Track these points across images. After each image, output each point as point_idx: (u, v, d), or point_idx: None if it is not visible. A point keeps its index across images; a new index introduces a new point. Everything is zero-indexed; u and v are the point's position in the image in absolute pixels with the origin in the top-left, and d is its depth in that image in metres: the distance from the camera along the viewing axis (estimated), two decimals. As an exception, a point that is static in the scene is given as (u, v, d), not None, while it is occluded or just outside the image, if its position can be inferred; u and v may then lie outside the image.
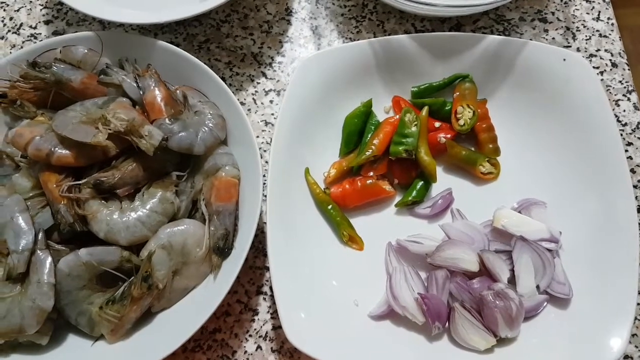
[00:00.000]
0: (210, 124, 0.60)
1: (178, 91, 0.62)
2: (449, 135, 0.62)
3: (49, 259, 0.52)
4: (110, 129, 0.54)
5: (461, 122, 0.62)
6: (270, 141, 0.68)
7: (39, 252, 0.53)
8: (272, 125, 0.70)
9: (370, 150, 0.60)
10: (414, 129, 0.60)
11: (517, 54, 0.63)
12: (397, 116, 0.63)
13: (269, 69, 0.73)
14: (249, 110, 0.71)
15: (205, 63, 0.72)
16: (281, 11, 0.76)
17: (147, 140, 0.54)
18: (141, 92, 0.59)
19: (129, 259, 0.53)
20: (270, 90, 0.72)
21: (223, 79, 0.72)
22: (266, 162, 0.67)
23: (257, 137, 0.69)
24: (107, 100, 0.59)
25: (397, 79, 0.66)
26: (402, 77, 0.66)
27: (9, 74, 0.59)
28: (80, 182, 0.54)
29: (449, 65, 0.65)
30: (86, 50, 0.63)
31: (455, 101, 0.63)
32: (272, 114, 0.70)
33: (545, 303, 0.54)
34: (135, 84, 0.60)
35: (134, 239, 0.54)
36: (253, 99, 0.71)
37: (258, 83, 0.72)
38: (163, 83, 0.60)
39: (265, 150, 0.68)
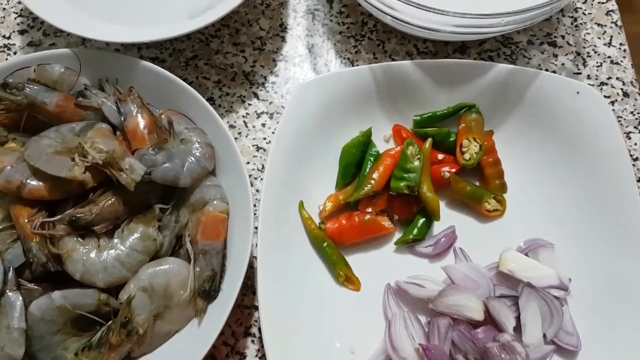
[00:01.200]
0: (198, 154, 0.57)
1: (163, 116, 0.59)
2: (453, 170, 0.60)
3: (20, 302, 0.49)
4: (87, 161, 0.51)
5: (467, 156, 0.59)
6: (262, 167, 0.66)
7: (8, 293, 0.50)
8: (264, 150, 0.67)
9: (370, 185, 0.58)
10: (416, 163, 0.58)
11: (528, 84, 0.61)
12: (398, 148, 0.60)
13: (261, 90, 0.70)
14: (239, 133, 0.68)
15: (192, 81, 0.70)
16: (275, 27, 0.73)
17: (128, 174, 0.51)
18: (122, 118, 0.56)
19: (106, 302, 0.50)
20: (262, 112, 0.69)
21: (212, 99, 0.69)
22: (257, 190, 0.65)
23: (248, 163, 0.66)
24: (85, 127, 0.56)
25: (399, 106, 0.64)
26: (404, 104, 0.64)
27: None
28: (54, 218, 0.51)
29: (454, 93, 0.63)
30: (63, 69, 0.60)
31: (461, 133, 0.61)
32: (264, 139, 0.68)
33: (552, 354, 0.52)
34: (116, 108, 0.56)
35: (113, 280, 0.51)
36: (244, 121, 0.69)
37: (249, 104, 0.70)
38: (147, 108, 0.57)
39: (255, 178, 0.66)
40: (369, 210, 0.58)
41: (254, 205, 0.54)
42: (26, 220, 0.51)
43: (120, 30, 0.61)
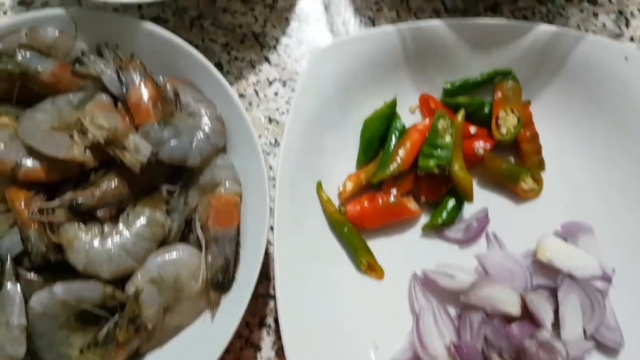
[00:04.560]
0: (207, 129, 0.53)
1: (168, 86, 0.55)
2: (487, 145, 0.56)
3: (19, 295, 0.47)
4: (87, 140, 0.47)
5: (503, 130, 0.55)
6: (275, 142, 0.62)
7: (7, 285, 0.47)
8: (277, 122, 0.63)
9: (395, 164, 0.54)
10: (448, 138, 0.54)
11: (570, 48, 0.56)
12: (427, 121, 0.56)
13: (273, 53, 0.66)
14: (249, 104, 0.64)
15: (198, 44, 0.65)
16: (288, -18, 0.68)
17: (133, 154, 0.47)
18: (124, 89, 0.52)
19: (112, 296, 0.48)
20: (274, 80, 0.65)
21: (219, 65, 0.65)
22: (270, 167, 0.61)
23: (260, 136, 0.62)
24: (84, 99, 0.52)
25: (427, 72, 0.59)
26: (433, 70, 0.59)
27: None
28: (53, 203, 0.48)
29: (488, 58, 0.59)
30: (58, 33, 0.55)
31: (496, 104, 0.56)
32: (277, 109, 0.64)
33: (592, 351, 0.50)
34: (116, 77, 0.52)
35: (119, 271, 0.48)
36: (255, 90, 0.65)
37: (260, 70, 0.65)
38: (150, 77, 0.53)
39: (268, 153, 0.62)
40: (394, 191, 0.55)
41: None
42: (23, 206, 0.48)
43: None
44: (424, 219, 0.57)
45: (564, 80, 0.58)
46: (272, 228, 0.52)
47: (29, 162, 0.49)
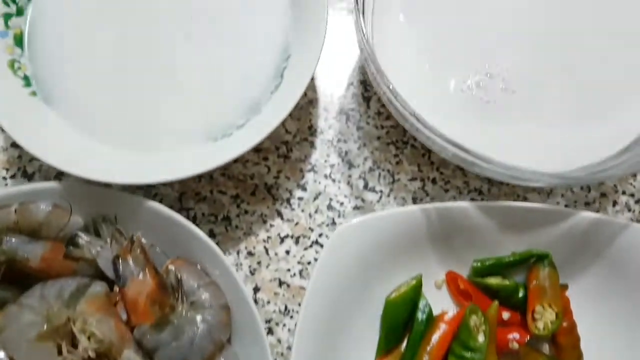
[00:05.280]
0: (211, 320, 0.48)
1: (170, 269, 0.50)
2: (523, 339, 0.50)
3: None
4: (77, 356, 0.42)
5: (540, 324, 0.50)
6: (286, 309, 0.57)
7: None
8: (287, 285, 0.58)
9: (422, 366, 0.48)
10: (481, 339, 0.48)
11: (614, 236, 0.51)
12: (456, 310, 0.51)
13: (286, 207, 0.61)
14: (258, 263, 0.59)
15: (206, 196, 0.61)
16: (303, 130, 0.63)
17: (127, 373, 0.42)
18: (120, 282, 0.47)
19: None
20: (286, 236, 0.60)
21: (228, 218, 0.60)
22: (278, 340, 0.56)
23: (268, 302, 0.57)
24: (76, 292, 0.47)
25: (454, 249, 0.55)
26: (461, 247, 0.54)
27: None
28: None
29: (522, 237, 0.54)
30: (50, 208, 0.50)
31: (532, 296, 0.51)
32: (288, 270, 0.59)
33: None
34: (113, 268, 0.47)
35: None
36: (264, 247, 0.59)
37: (272, 226, 0.60)
38: (152, 265, 0.48)
39: (277, 323, 0.56)
40: (419, 392, 0.49)
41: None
42: None
43: (126, 161, 0.51)
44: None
45: (604, 266, 0.53)
46: None
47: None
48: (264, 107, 0.54)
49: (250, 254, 0.59)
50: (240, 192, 0.61)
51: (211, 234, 0.60)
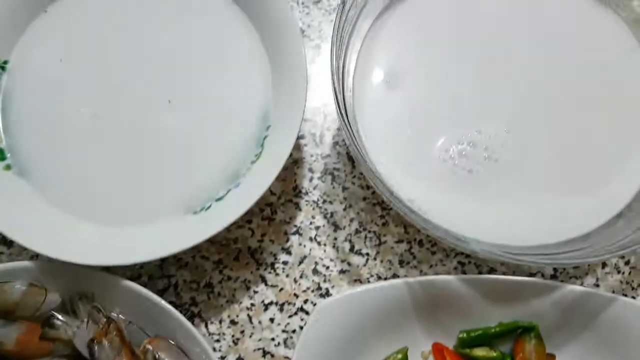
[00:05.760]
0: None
1: (149, 348, 0.49)
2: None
3: None
4: None
5: (526, 401, 0.49)
6: (270, 383, 0.55)
7: None
8: (271, 356, 0.57)
9: None
10: (467, 420, 0.47)
11: (601, 309, 0.50)
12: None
13: (270, 272, 0.60)
14: (241, 332, 0.58)
15: (188, 262, 0.60)
16: (288, 191, 0.62)
17: None
18: (97, 365, 0.46)
19: None
20: (270, 302, 0.59)
21: (210, 285, 0.59)
22: (263, 416, 0.54)
23: (252, 375, 0.56)
24: (51, 377, 0.45)
25: (440, 321, 0.54)
26: (447, 319, 0.54)
27: None
28: None
29: (509, 308, 0.53)
30: (25, 288, 0.49)
31: (518, 369, 0.50)
32: (273, 339, 0.58)
33: None
34: (89, 353, 0.46)
35: None
36: (248, 315, 0.58)
37: (255, 292, 0.59)
38: (128, 348, 0.47)
39: (262, 397, 0.55)
40: None
41: None
42: None
43: (104, 237, 0.50)
44: None
45: (591, 337, 0.52)
46: None
47: None
48: (243, 178, 0.53)
49: (233, 322, 0.58)
50: (223, 257, 0.60)
51: (193, 303, 0.59)
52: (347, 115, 0.47)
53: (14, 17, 0.55)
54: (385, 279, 0.59)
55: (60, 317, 0.49)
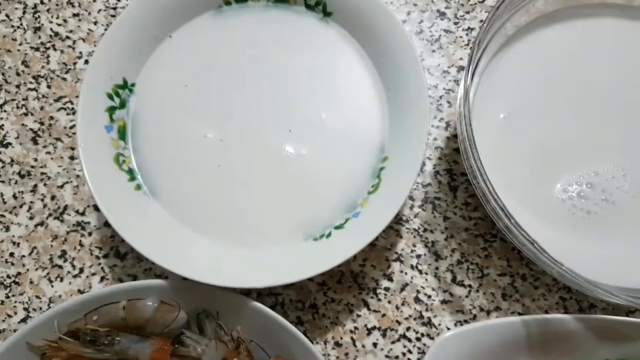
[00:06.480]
0: None
1: (273, 369, 0.50)
2: None
3: None
4: None
5: None
6: (374, 406, 0.57)
7: None
8: (376, 381, 0.58)
9: None
10: None
11: None
12: None
13: (372, 297, 0.61)
14: (346, 355, 0.59)
15: (293, 283, 0.61)
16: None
17: None
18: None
19: None
20: (373, 327, 0.60)
21: (314, 306, 0.61)
22: None
23: (357, 400, 0.57)
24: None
25: (550, 356, 0.54)
26: (556, 355, 0.54)
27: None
28: None
29: (617, 348, 0.53)
30: (157, 305, 0.51)
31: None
32: (375, 365, 0.59)
33: None
34: (219, 366, 0.48)
35: None
36: (352, 338, 0.60)
37: (358, 316, 0.61)
38: (256, 367, 0.49)
39: (366, 421, 0.57)
40: None
41: None
42: None
43: (228, 258, 0.52)
44: None
45: None
46: None
47: None
48: (361, 208, 0.55)
49: (337, 344, 0.60)
50: (327, 279, 0.62)
51: (299, 322, 0.60)
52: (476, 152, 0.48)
53: (141, 43, 0.58)
54: (489, 312, 0.60)
55: (190, 334, 0.50)
